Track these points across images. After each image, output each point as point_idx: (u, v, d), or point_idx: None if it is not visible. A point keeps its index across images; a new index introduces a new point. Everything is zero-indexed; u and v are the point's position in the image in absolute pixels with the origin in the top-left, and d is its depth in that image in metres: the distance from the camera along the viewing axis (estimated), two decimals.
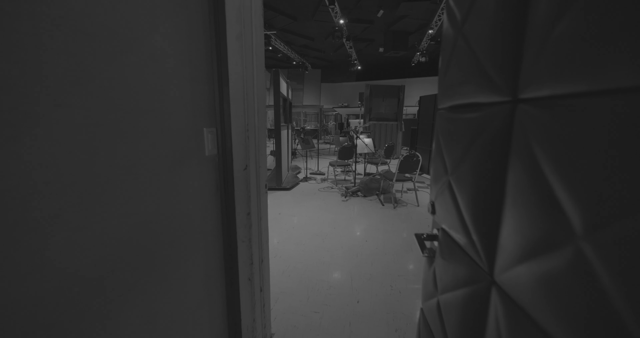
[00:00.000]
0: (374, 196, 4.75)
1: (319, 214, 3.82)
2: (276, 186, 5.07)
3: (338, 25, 9.29)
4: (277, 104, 4.76)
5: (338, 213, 3.86)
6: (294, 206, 4.15)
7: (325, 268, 2.42)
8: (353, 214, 3.84)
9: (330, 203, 4.33)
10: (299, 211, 3.95)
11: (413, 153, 3.95)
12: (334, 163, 5.55)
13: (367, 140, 5.33)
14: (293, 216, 3.71)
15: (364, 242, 2.94)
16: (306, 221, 3.53)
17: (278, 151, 4.93)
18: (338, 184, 5.55)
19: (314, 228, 3.30)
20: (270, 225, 3.55)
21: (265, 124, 1.36)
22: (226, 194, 1.21)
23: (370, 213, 3.90)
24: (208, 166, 1.13)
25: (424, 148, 6.45)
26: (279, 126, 4.85)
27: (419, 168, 4.10)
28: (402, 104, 9.04)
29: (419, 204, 4.26)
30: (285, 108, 6.14)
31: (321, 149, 11.50)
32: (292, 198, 4.59)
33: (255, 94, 1.24)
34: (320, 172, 6.62)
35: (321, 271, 2.37)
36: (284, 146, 5.65)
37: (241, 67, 1.16)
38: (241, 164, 1.22)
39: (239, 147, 1.20)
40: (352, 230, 3.26)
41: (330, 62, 17.56)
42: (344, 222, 3.52)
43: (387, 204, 4.27)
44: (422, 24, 10.64)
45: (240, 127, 1.19)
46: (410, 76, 16.50)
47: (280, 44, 12.58)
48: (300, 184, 5.62)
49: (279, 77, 4.69)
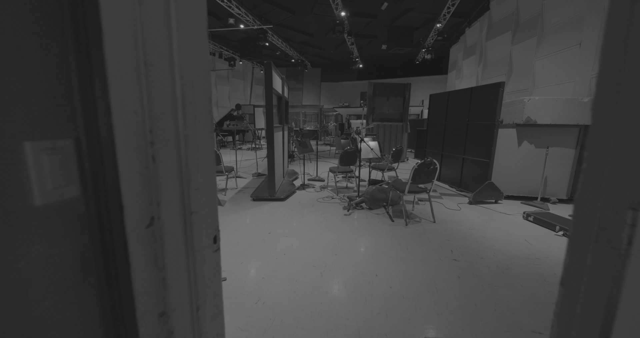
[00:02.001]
0: (380, 208, 4.11)
1: (317, 233, 3.18)
2: (268, 197, 4.43)
3: (339, 18, 8.66)
4: (270, 102, 4.12)
5: (340, 232, 3.22)
6: (288, 222, 3.51)
7: (323, 323, 1.77)
8: (358, 233, 3.20)
9: (331, 218, 3.69)
10: (293, 229, 3.31)
11: (429, 160, 3.30)
12: (334, 169, 4.91)
13: (372, 143, 4.69)
14: (285, 237, 3.06)
15: (373, 277, 2.29)
16: (301, 244, 2.88)
17: (270, 156, 4.29)
18: (339, 193, 4.91)
19: (310, 255, 2.65)
20: (257, 250, 2.81)
21: (208, 128, 0.72)
22: (109, 280, 0.57)
23: (379, 231, 3.26)
24: (49, 227, 0.49)
25: (435, 151, 5.81)
26: (271, 127, 4.21)
27: (435, 178, 3.46)
28: (407, 104, 8.41)
29: (435, 220, 3.61)
30: (281, 107, 5.50)
31: (321, 152, 10.87)
32: (286, 211, 3.95)
33: (176, 64, 0.60)
34: (320, 178, 5.98)
35: (318, 327, 1.73)
36: (278, 149, 5.01)
37: (131, 6, 0.52)
38: (141, 216, 0.57)
39: (132, 179, 0.55)
40: (358, 258, 2.62)
41: (330, 60, 16.93)
42: (348, 245, 2.88)
43: (397, 220, 3.63)
44: (428, 18, 10.01)
45: (134, 136, 0.55)
46: (414, 74, 15.86)
47: (278, 40, 11.95)
48: (297, 192, 4.98)
49: (271, 71, 4.06)
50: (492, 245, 2.93)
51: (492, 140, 4.28)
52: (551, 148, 4.32)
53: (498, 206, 4.32)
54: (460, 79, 11.60)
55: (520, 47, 6.98)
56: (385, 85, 8.41)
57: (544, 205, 4.26)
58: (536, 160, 4.42)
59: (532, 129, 4.36)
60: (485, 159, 4.45)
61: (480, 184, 4.49)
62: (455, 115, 5.18)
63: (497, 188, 4.36)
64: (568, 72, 5.26)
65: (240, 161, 8.40)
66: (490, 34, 8.65)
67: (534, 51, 6.29)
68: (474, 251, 2.79)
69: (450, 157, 5.35)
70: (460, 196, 4.85)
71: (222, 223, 3.48)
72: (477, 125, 4.64)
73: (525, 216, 3.72)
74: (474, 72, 10.13)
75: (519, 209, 4.16)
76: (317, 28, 11.37)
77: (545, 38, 6.04)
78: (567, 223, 3.34)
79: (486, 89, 4.47)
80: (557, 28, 5.69)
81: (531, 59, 6.38)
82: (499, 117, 4.22)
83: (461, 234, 3.21)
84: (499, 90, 4.15)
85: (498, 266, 2.51)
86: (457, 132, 5.11)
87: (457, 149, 5.12)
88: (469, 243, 2.96)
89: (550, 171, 4.39)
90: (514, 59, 7.25)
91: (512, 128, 4.45)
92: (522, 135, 4.41)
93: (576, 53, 5.08)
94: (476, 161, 4.67)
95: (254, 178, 6.23)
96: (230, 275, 2.29)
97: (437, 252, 2.75)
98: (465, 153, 4.92)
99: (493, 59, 8.50)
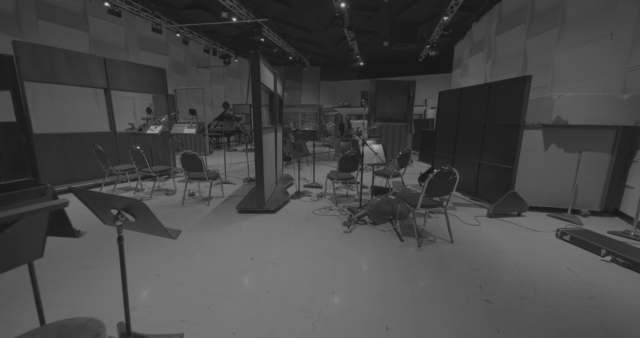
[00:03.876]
0: (386, 222, 3.52)
1: (311, 259, 2.59)
2: (257, 208, 3.83)
3: (338, 10, 8.06)
4: (257, 99, 3.53)
5: (339, 257, 2.62)
6: (277, 243, 2.92)
7: None
8: (361, 258, 2.61)
9: (328, 236, 3.09)
10: (282, 253, 2.71)
11: (447, 169, 2.71)
12: (332, 176, 4.32)
13: (376, 147, 4.10)
14: (271, 265, 2.47)
15: (383, 331, 1.70)
16: (290, 277, 2.29)
17: (259, 161, 3.70)
18: (338, 203, 4.32)
19: (300, 294, 2.06)
20: (234, 284, 2.15)
21: None
22: None
23: (387, 255, 2.66)
24: None
25: (445, 155, 5.21)
26: (259, 128, 3.62)
27: (454, 189, 2.87)
28: (412, 102, 7.82)
29: (452, 239, 3.02)
30: (273, 105, 4.91)
31: (319, 154, 10.26)
32: (276, 227, 3.36)
33: None
34: (317, 184, 5.39)
35: None
36: (269, 154, 4.42)
37: None
38: None
39: None
40: (362, 298, 2.03)
41: (330, 58, 16.34)
42: (349, 278, 2.29)
43: (407, 239, 3.04)
44: (433, 12, 9.42)
45: None
46: (416, 73, 15.26)
47: (275, 36, 11.35)
48: (291, 202, 4.39)
49: (258, 62, 3.46)
50: (529, 277, 2.34)
51: (516, 143, 3.69)
52: (583, 153, 3.73)
53: (522, 219, 3.73)
54: (466, 77, 11.01)
55: (537, 41, 6.39)
56: (388, 82, 7.82)
57: (575, 218, 3.67)
58: (565, 166, 3.83)
59: (561, 131, 3.77)
60: (506, 165, 3.86)
61: (500, 193, 3.91)
62: (469, 114, 4.59)
63: (521, 199, 3.77)
64: (596, 67, 4.68)
65: (230, 164, 7.80)
66: (500, 28, 8.06)
67: (554, 44, 5.70)
68: (508, 286, 2.20)
69: (464, 162, 4.76)
70: (476, 207, 4.26)
71: (199, 243, 2.89)
72: (497, 126, 4.05)
73: (560, 235, 3.13)
74: (482, 69, 9.55)
75: (548, 224, 3.57)
76: (315, 23, 10.77)
77: (567, 30, 5.45)
78: (613, 245, 2.75)
79: (508, 84, 3.88)
80: (582, 18, 5.10)
81: (550, 54, 5.80)
82: (524, 117, 3.63)
83: (487, 259, 2.62)
84: (525, 85, 3.56)
85: (545, 311, 1.92)
86: (472, 134, 4.52)
87: (472, 153, 4.53)
88: (500, 274, 2.37)
89: (581, 179, 3.81)
90: (529, 54, 6.66)
91: (537, 129, 3.87)
92: (549, 137, 3.82)
93: (606, 45, 4.49)
94: (495, 167, 4.08)
95: (244, 184, 5.63)
96: (191, 327, 1.70)
97: (462, 288, 2.16)
98: (482, 157, 4.33)
99: (504, 54, 7.91)
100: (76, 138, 5.10)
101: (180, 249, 2.76)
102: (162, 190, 5.00)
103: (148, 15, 9.07)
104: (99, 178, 5.23)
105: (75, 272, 2.34)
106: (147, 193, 4.80)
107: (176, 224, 3.42)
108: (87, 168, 5.26)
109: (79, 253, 2.66)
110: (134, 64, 5.94)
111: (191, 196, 4.66)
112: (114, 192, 4.85)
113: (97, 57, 5.32)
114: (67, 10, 7.64)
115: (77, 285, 2.16)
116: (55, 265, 2.45)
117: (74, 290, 2.09)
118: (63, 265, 2.44)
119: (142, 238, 2.96)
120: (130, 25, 9.39)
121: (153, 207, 4.08)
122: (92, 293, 2.05)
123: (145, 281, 2.20)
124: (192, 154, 4.03)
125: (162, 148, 6.46)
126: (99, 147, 4.58)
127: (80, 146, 5.16)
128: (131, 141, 5.89)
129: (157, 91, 6.35)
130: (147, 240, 2.93)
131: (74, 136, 5.07)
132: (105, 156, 4.57)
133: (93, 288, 2.11)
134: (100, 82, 5.36)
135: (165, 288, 2.11)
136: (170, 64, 11.43)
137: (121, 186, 5.26)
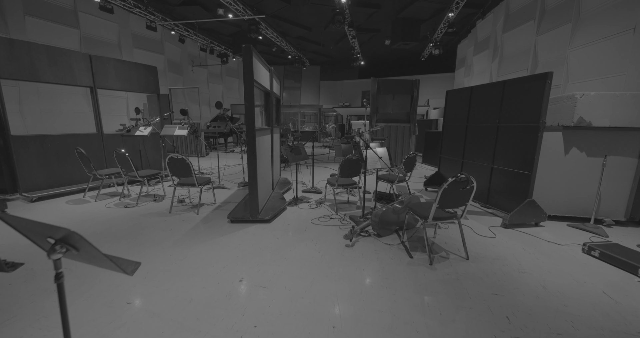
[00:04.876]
0: (392, 234, 3.19)
1: (309, 281, 2.26)
2: (250, 218, 3.50)
3: (339, 6, 7.74)
4: (250, 97, 3.20)
5: (340, 278, 2.29)
6: (270, 259, 2.59)
7: None
8: (366, 280, 2.28)
9: (328, 251, 2.76)
10: (275, 272, 2.38)
11: (464, 177, 2.38)
12: (333, 181, 3.99)
13: (380, 150, 3.78)
14: (262, 289, 2.14)
15: None
16: (282, 306, 1.96)
17: (252, 166, 3.37)
18: (339, 211, 3.99)
19: (295, 330, 1.73)
20: (216, 316, 1.72)
21: None
22: None
23: (395, 276, 2.33)
24: None
25: (453, 158, 4.88)
26: (252, 130, 3.28)
27: (470, 199, 2.54)
28: (416, 102, 7.49)
29: (468, 255, 2.69)
30: (269, 105, 4.58)
31: (318, 155, 9.92)
32: (270, 240, 3.03)
33: None
34: (316, 189, 5.06)
35: None
36: (265, 157, 4.09)
37: None
38: None
39: None
40: (369, 334, 1.70)
41: (330, 57, 16.01)
42: (352, 308, 1.95)
43: (416, 255, 2.71)
44: (437, 8, 9.09)
45: None
46: (418, 72, 14.94)
47: (273, 34, 11.03)
48: (288, 210, 4.06)
49: (251, 57, 3.13)
50: (562, 305, 2.01)
51: (535, 147, 3.36)
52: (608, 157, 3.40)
53: (541, 230, 3.40)
54: (470, 76, 10.69)
55: (548, 38, 6.07)
56: (391, 82, 7.48)
57: (598, 230, 3.34)
58: (588, 172, 3.50)
59: (584, 133, 3.44)
60: (523, 170, 3.53)
61: (516, 201, 3.58)
62: (480, 115, 4.26)
63: (540, 208, 3.43)
64: (617, 64, 4.35)
65: (225, 167, 7.46)
66: (508, 25, 7.74)
67: (568, 40, 5.38)
68: (540, 317, 1.87)
69: (474, 166, 4.43)
70: (488, 216, 3.93)
71: (182, 260, 2.56)
72: (512, 127, 3.72)
73: (587, 250, 2.80)
74: (487, 68, 9.23)
75: (569, 235, 3.24)
76: (315, 20, 10.45)
77: (583, 25, 5.12)
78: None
79: (525, 82, 3.55)
80: (600, 12, 4.78)
81: (564, 50, 5.48)
82: (544, 118, 3.30)
83: (510, 281, 2.29)
84: (545, 83, 3.23)
85: None
86: (484, 136, 4.19)
87: (484, 156, 4.20)
88: (527, 301, 2.04)
89: (604, 185, 3.48)
90: (540, 52, 6.34)
91: (556, 131, 3.54)
92: (570, 140, 3.49)
93: (629, 40, 4.17)
94: (510, 172, 3.75)
95: (239, 188, 5.30)
96: None
97: (486, 321, 1.83)
98: (495, 161, 4.00)
99: (512, 52, 7.59)
100: (59, 139, 4.77)
101: (160, 268, 2.43)
102: (151, 196, 4.67)
103: (141, 12, 8.75)
104: (85, 183, 4.90)
105: (34, 298, 2.01)
106: (133, 199, 4.47)
107: (159, 236, 3.09)
108: (70, 172, 4.93)
109: (44, 273, 2.33)
110: (123, 61, 5.61)
111: (180, 202, 4.33)
112: (98, 198, 4.53)
113: (82, 53, 4.99)
114: (55, 6, 7.31)
115: (32, 315, 1.83)
116: (15, 288, 2.12)
117: (27, 323, 1.76)
118: (22, 289, 2.11)
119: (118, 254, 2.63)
120: (124, 22, 9.07)
121: (137, 215, 3.76)
122: (47, 327, 1.72)
123: (112, 311, 1.87)
124: (179, 157, 3.70)
125: (153, 150, 6.13)
126: (81, 150, 4.25)
127: (64, 149, 4.83)
128: (120, 143, 5.57)
129: (147, 90, 6.02)
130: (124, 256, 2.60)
131: (56, 138, 4.74)
132: (88, 159, 4.25)
133: (50, 320, 1.78)
134: (85, 80, 5.03)
135: (134, 321, 1.78)
136: (166, 63, 11.11)
137: (107, 191, 4.93)
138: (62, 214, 3.82)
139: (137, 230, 3.26)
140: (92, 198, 4.52)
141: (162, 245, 2.88)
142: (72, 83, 4.86)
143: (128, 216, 3.72)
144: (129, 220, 3.61)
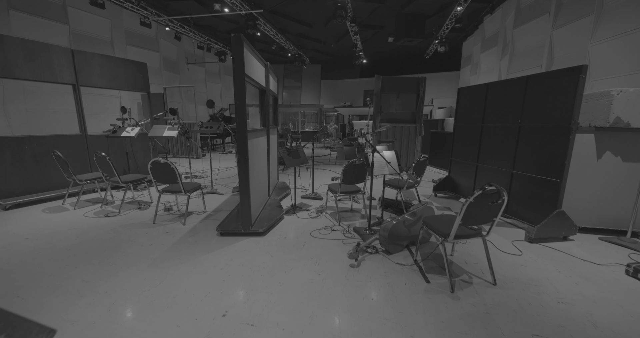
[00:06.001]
0: (403, 250, 2.80)
1: (306, 316, 1.86)
2: (241, 230, 3.11)
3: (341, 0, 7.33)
4: (240, 94, 2.80)
5: (344, 313, 1.90)
6: (261, 285, 2.19)
7: None
8: (375, 316, 1.88)
9: (330, 273, 2.37)
10: (266, 303, 1.98)
11: (494, 188, 1.98)
12: (335, 188, 3.58)
13: (387, 154, 3.38)
14: (249, 327, 1.74)
15: None
16: None
17: (244, 173, 2.97)
18: (342, 221, 3.60)
19: None
20: None
21: None
22: None
23: (411, 309, 1.93)
24: None
25: (466, 162, 4.47)
26: (243, 131, 2.89)
27: (499, 215, 2.14)
28: (422, 102, 7.08)
29: (495, 281, 2.28)
30: (265, 104, 4.18)
31: (319, 157, 9.52)
32: (262, 258, 2.63)
33: None
34: (317, 195, 4.66)
35: None
36: (260, 161, 3.69)
37: None
38: None
39: None
40: None
41: (331, 55, 15.61)
42: None
43: (433, 278, 2.31)
44: (443, 3, 8.69)
45: None
46: (422, 71, 14.51)
47: (272, 31, 10.63)
48: (285, 219, 3.66)
49: (242, 49, 2.73)
50: None
51: (566, 151, 2.95)
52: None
53: (571, 245, 2.99)
54: (477, 74, 10.28)
55: (565, 32, 5.66)
56: (396, 79, 7.08)
57: (636, 244, 2.94)
58: (623, 178, 3.10)
59: (620, 135, 3.03)
60: (551, 177, 3.12)
61: (541, 211, 3.17)
62: (498, 114, 3.85)
63: (570, 220, 3.03)
64: None
65: (219, 169, 7.06)
66: (519, 20, 7.33)
67: (589, 33, 4.96)
68: None
69: (491, 171, 4.02)
70: (508, 227, 3.52)
71: (157, 286, 2.16)
72: (537, 128, 3.31)
73: (632, 272, 2.40)
74: (496, 66, 8.81)
75: (605, 252, 2.83)
76: (315, 16, 10.05)
77: (608, 16, 4.71)
78: None
79: (554, 77, 3.14)
80: (627, 1, 4.37)
81: (584, 44, 5.06)
82: (577, 118, 2.89)
83: (552, 315, 1.89)
84: (579, 77, 2.83)
85: None
86: (502, 137, 3.78)
87: (502, 160, 3.80)
88: None
89: None
90: (556, 47, 5.93)
91: (587, 133, 3.13)
92: (603, 143, 3.09)
93: None
94: (534, 178, 3.34)
95: (233, 194, 4.91)
96: None
97: None
98: (516, 166, 3.59)
99: (524, 48, 7.17)
100: (36, 141, 4.38)
101: (128, 296, 2.03)
102: (136, 203, 4.28)
103: (134, 6, 8.36)
104: (65, 189, 4.52)
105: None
106: (116, 207, 4.09)
107: (137, 253, 2.70)
108: (51, 176, 4.54)
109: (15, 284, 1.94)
110: (109, 57, 5.23)
111: (167, 210, 3.95)
112: (78, 205, 4.14)
113: (62, 48, 4.60)
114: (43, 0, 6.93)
115: None
116: None
117: None
118: None
119: (83, 279, 2.24)
120: (116, 18, 8.69)
121: (117, 225, 3.37)
122: None
123: None
124: (163, 162, 3.31)
125: (142, 152, 5.74)
126: (59, 153, 3.87)
127: (42, 152, 4.44)
128: (105, 145, 5.18)
129: (136, 88, 5.64)
130: (89, 281, 2.21)
131: (33, 140, 4.35)
132: (66, 163, 3.86)
133: None
134: (67, 77, 4.64)
135: None
136: (162, 61, 10.73)
137: (89, 198, 4.55)
138: (35, 224, 3.44)
139: (113, 245, 2.87)
140: (71, 206, 4.14)
141: (137, 265, 2.48)
142: (52, 80, 4.47)
143: (107, 227, 3.34)
144: (107, 231, 3.22)
